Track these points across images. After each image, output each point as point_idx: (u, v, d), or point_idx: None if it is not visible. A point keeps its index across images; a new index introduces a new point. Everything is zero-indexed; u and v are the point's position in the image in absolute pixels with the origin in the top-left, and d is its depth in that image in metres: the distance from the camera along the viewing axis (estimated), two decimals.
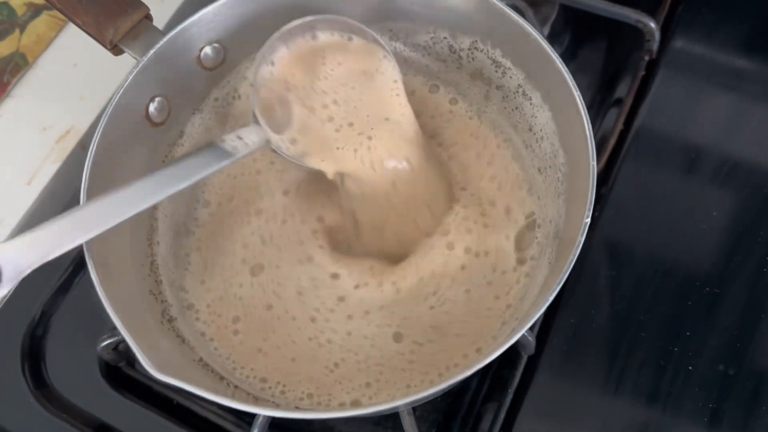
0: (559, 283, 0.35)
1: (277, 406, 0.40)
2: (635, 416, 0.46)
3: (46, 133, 0.60)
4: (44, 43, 0.63)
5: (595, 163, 0.37)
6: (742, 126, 0.55)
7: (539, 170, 0.45)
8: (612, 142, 0.55)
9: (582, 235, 0.36)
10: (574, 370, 0.48)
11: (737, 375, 0.47)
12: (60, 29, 0.64)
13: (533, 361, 0.48)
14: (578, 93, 0.39)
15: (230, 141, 0.41)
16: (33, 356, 0.50)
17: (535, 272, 0.43)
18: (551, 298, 0.35)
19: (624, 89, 0.58)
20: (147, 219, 0.46)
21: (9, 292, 0.33)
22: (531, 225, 0.46)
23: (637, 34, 0.58)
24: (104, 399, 0.49)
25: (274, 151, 0.44)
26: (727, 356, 0.47)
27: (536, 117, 0.44)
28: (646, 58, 0.58)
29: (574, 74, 0.41)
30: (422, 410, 0.49)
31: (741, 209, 0.52)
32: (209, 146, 0.41)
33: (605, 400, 0.47)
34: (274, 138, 0.43)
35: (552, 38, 0.61)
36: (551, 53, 0.40)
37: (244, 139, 0.42)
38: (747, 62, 0.58)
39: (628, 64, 0.59)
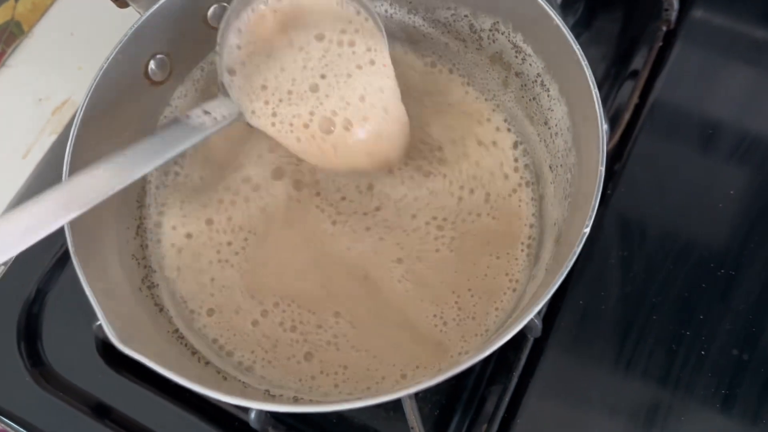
0: (547, 294, 0.33)
1: (245, 388, 0.39)
2: (645, 401, 0.45)
3: (42, 104, 0.58)
4: (40, 11, 0.62)
5: (603, 168, 0.35)
6: (762, 100, 0.53)
7: (550, 168, 0.43)
8: (627, 116, 0.53)
9: (579, 246, 0.34)
10: (583, 353, 0.47)
11: (751, 360, 0.45)
12: None
13: (539, 344, 0.47)
14: (596, 91, 0.37)
15: (196, 117, 0.38)
16: (29, 334, 0.49)
17: (535, 273, 0.42)
18: (537, 309, 0.33)
19: (640, 61, 0.56)
20: (140, 181, 0.44)
21: None
22: (534, 224, 0.44)
23: (654, 3, 0.55)
24: (101, 377, 0.48)
25: (249, 125, 0.41)
26: (742, 341, 0.46)
27: (553, 110, 0.42)
28: (664, 28, 0.55)
29: (588, 45, 0.39)
30: (425, 392, 0.48)
31: (759, 188, 0.50)
32: (173, 123, 0.38)
33: (614, 385, 0.46)
34: (248, 110, 0.40)
35: (565, 7, 0.59)
36: (573, 45, 0.38)
37: (213, 114, 0.38)
38: (766, 34, 0.55)
39: (645, 35, 0.57)
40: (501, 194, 0.45)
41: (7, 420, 0.47)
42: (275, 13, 0.41)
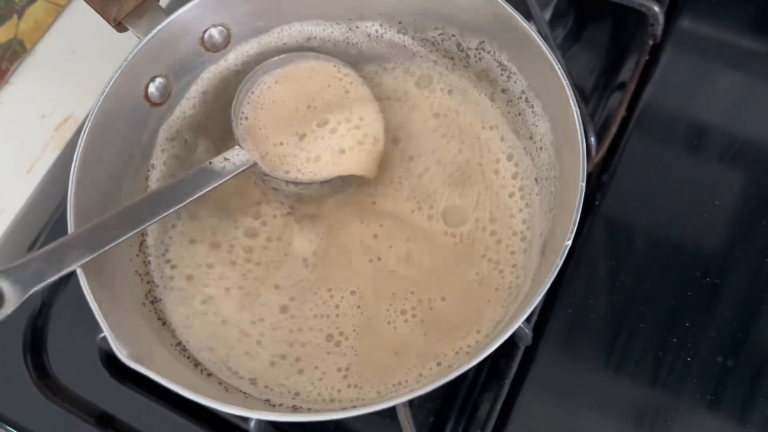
0: (531, 304, 0.35)
1: (246, 399, 0.40)
2: (633, 408, 0.46)
3: (45, 120, 0.59)
4: (42, 29, 0.63)
5: (584, 184, 0.36)
6: (747, 110, 0.54)
7: (536, 180, 0.44)
8: (614, 127, 0.54)
9: (561, 258, 0.35)
10: (572, 361, 0.48)
11: (736, 366, 0.47)
12: (58, 15, 0.64)
13: (530, 352, 0.48)
14: (577, 110, 0.38)
15: (218, 163, 0.43)
16: (34, 347, 0.51)
17: (520, 282, 0.43)
18: (523, 317, 0.35)
19: (627, 73, 0.57)
20: None
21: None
22: (521, 235, 0.45)
23: (641, 17, 0.56)
24: (105, 388, 0.49)
25: (265, 174, 0.45)
26: (726, 348, 0.47)
27: (537, 126, 0.43)
28: (650, 42, 0.56)
29: (577, 57, 0.40)
30: (419, 400, 0.49)
31: (743, 199, 0.51)
32: (199, 168, 0.43)
33: (603, 391, 0.47)
34: (259, 159, 0.45)
35: (555, 20, 0.60)
36: (555, 65, 0.39)
37: (232, 160, 0.44)
38: (753, 43, 0.57)
39: (632, 48, 0.58)
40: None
41: (14, 431, 0.48)
42: (277, 83, 0.47)
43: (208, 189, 0.42)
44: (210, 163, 0.43)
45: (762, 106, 0.54)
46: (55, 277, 0.36)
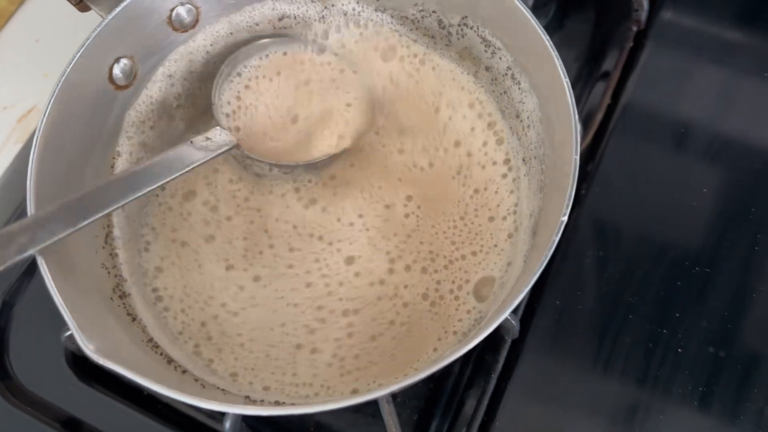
0: (528, 285, 0.33)
1: (224, 395, 0.38)
2: (623, 400, 0.45)
3: (7, 111, 0.57)
4: (4, 18, 0.60)
5: (578, 157, 0.35)
6: (733, 100, 0.54)
7: (524, 160, 0.43)
8: (599, 117, 0.53)
9: (557, 235, 0.34)
10: (560, 353, 0.46)
11: (727, 357, 0.45)
12: (20, 3, 0.61)
13: (517, 345, 0.47)
14: (567, 80, 0.37)
15: (199, 142, 0.42)
16: None
17: (511, 268, 0.42)
18: (517, 301, 0.33)
19: (611, 62, 0.56)
20: None
21: None
22: (510, 218, 0.44)
23: (625, 3, 0.55)
24: (71, 391, 0.47)
25: (247, 157, 0.44)
26: (718, 338, 0.46)
27: (524, 103, 0.42)
28: (634, 28, 0.56)
29: (560, 46, 0.38)
30: (403, 397, 0.47)
31: (732, 186, 0.50)
32: (180, 146, 0.41)
33: (592, 385, 0.46)
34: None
35: (537, 8, 0.59)
36: (542, 35, 0.38)
37: (214, 139, 0.42)
38: (738, 34, 0.56)
39: (616, 36, 0.57)
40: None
41: None
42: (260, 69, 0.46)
43: (187, 169, 0.40)
44: (191, 142, 0.41)
45: (744, 97, 0.54)
46: (9, 263, 0.33)
